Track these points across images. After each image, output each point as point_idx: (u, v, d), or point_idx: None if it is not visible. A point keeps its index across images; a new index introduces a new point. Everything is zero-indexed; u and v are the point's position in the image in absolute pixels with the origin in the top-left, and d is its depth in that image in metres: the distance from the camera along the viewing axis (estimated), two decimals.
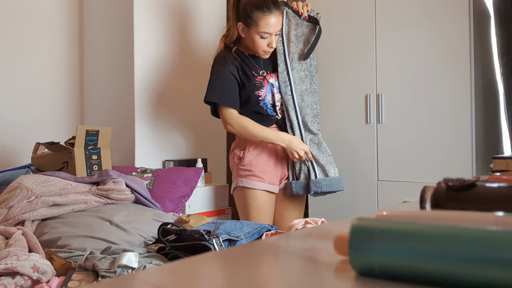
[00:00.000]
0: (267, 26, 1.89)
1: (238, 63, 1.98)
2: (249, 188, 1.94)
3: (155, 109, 2.50)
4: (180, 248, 1.29)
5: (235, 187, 2.00)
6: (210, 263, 0.45)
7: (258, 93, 1.97)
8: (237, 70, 1.97)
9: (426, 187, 0.55)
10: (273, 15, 1.89)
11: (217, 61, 1.99)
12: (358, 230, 0.38)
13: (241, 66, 1.98)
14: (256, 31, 1.90)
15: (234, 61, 1.97)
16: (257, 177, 1.94)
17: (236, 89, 1.97)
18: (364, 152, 2.40)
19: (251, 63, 2.01)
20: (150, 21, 2.48)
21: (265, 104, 1.98)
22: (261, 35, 1.90)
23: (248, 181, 1.94)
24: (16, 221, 1.51)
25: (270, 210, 1.98)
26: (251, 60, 2.01)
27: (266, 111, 1.99)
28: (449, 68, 2.15)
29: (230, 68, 1.96)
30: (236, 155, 2.00)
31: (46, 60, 2.60)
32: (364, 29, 2.38)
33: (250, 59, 2.01)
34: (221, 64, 1.97)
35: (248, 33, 1.93)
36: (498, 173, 0.98)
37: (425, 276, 0.34)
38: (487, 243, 0.32)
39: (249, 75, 1.98)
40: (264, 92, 1.97)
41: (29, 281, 1.11)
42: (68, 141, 2.08)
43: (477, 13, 2.14)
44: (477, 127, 2.14)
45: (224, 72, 1.95)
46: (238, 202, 2.01)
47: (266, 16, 1.88)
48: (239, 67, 1.98)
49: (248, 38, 1.95)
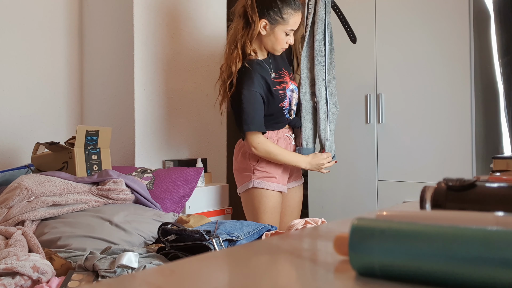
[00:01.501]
0: (295, 23, 1.89)
1: (262, 79, 1.91)
2: (266, 189, 1.94)
3: (155, 109, 2.50)
4: (180, 248, 1.29)
5: (248, 188, 1.97)
6: (210, 263, 0.45)
7: (282, 104, 1.96)
8: (263, 89, 1.91)
9: (426, 187, 0.55)
10: (300, 12, 1.90)
11: (245, 85, 1.88)
12: (358, 230, 0.38)
13: (265, 81, 1.92)
14: (283, 29, 1.88)
15: (260, 79, 1.91)
16: (274, 178, 1.95)
17: (263, 110, 1.92)
18: (364, 152, 2.40)
19: (265, 70, 1.96)
20: (150, 21, 2.48)
21: (285, 110, 1.99)
22: (287, 32, 1.89)
23: (266, 182, 1.94)
24: (16, 221, 1.51)
25: (280, 210, 2.00)
26: (264, 64, 1.96)
27: (284, 115, 2.00)
28: (449, 68, 2.15)
29: (258, 89, 1.89)
30: (253, 157, 1.98)
31: (46, 60, 2.59)
32: (364, 29, 2.38)
33: (263, 64, 1.96)
34: (250, 87, 1.88)
35: (271, 30, 1.91)
36: (498, 173, 0.98)
37: (425, 276, 0.34)
38: (487, 243, 0.32)
39: (272, 89, 1.92)
40: (287, 102, 1.98)
41: (29, 281, 1.11)
42: (68, 141, 2.07)
43: (477, 13, 2.14)
44: (477, 127, 2.14)
45: (255, 96, 1.88)
46: (250, 203, 1.98)
47: (295, 13, 1.88)
48: (264, 84, 1.92)
49: (269, 35, 1.91)
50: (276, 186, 1.96)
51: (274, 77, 1.96)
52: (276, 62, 2.02)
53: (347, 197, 2.44)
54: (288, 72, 2.04)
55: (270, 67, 1.97)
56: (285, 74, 2.01)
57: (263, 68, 1.95)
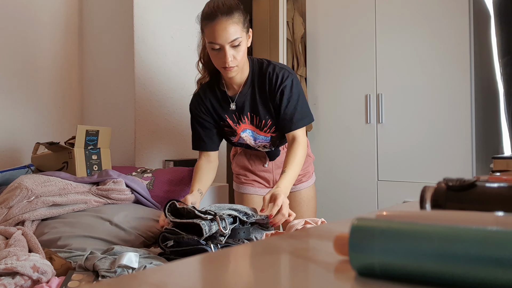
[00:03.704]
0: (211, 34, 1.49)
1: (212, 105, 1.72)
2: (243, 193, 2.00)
3: (155, 109, 2.50)
4: (179, 253, 1.30)
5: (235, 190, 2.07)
6: (210, 263, 0.45)
7: (231, 138, 1.80)
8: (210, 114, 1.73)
9: (426, 187, 0.55)
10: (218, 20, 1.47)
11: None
12: (358, 230, 0.38)
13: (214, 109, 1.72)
14: (207, 40, 1.53)
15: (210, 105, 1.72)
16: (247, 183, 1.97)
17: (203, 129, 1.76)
18: (364, 152, 2.40)
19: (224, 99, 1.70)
20: (150, 21, 2.48)
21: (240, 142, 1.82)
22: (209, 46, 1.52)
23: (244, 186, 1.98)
24: (16, 221, 1.51)
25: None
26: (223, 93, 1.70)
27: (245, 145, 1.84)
28: (449, 68, 2.15)
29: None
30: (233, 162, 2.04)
31: (46, 59, 2.59)
32: (364, 29, 2.38)
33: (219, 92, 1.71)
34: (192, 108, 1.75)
35: (207, 45, 1.55)
36: (498, 173, 0.98)
37: (425, 276, 0.34)
38: (487, 243, 0.32)
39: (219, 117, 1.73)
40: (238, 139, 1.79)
41: (29, 281, 1.11)
42: (68, 141, 2.07)
43: (477, 13, 2.14)
44: (477, 127, 2.14)
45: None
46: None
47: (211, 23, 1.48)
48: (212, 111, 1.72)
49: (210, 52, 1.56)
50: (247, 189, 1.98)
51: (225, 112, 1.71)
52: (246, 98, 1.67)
53: (347, 197, 2.44)
54: (256, 119, 1.71)
55: (230, 99, 1.70)
56: (243, 118, 1.72)
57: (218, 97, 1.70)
